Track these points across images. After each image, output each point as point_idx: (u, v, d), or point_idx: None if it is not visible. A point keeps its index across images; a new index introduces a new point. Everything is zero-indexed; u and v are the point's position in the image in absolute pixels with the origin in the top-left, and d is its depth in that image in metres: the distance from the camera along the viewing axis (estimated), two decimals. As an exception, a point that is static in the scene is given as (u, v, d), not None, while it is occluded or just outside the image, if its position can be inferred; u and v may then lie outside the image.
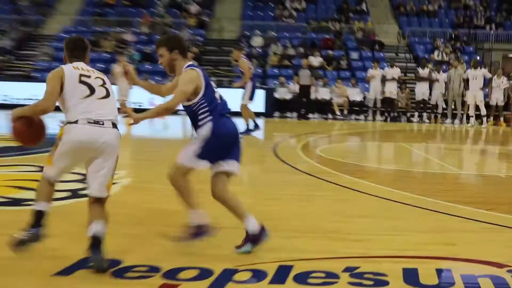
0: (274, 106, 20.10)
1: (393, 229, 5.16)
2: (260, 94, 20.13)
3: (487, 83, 19.53)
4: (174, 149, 5.33)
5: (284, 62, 22.77)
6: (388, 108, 20.24)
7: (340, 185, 7.15)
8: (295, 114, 19.89)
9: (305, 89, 19.56)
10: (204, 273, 3.74)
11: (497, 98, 19.61)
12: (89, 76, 4.18)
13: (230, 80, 21.91)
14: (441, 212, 5.87)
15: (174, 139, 13.91)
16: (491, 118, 19.73)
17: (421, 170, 9.68)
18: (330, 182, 7.36)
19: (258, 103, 19.94)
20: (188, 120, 4.65)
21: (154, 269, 3.79)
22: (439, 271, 3.96)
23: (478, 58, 22.88)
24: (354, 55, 23.82)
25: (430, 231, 5.17)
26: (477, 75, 19.25)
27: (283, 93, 20.26)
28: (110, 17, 25.94)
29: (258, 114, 19.47)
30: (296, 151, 10.80)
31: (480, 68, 19.86)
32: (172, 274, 3.72)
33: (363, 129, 17.36)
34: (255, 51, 23.27)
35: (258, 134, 15.57)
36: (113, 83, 12.87)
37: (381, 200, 6.43)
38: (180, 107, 4.50)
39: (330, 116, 19.87)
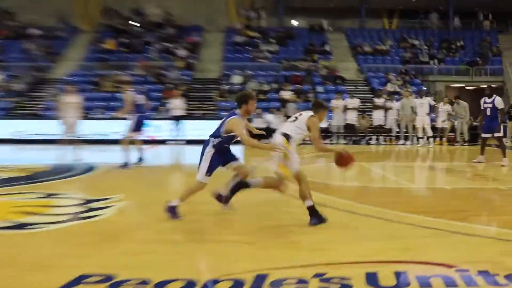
0: (250, 136, 19.93)
1: (355, 238, 5.09)
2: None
3: (432, 109, 19.89)
4: (166, 175, 5.24)
5: (260, 96, 22.79)
6: (350, 132, 20.36)
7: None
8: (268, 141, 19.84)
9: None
10: (189, 285, 3.61)
11: (442, 121, 19.94)
12: None
13: (213, 113, 21.89)
14: (397, 221, 5.82)
15: (164, 166, 13.75)
16: (437, 138, 19.95)
17: (379, 185, 9.65)
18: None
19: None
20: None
21: (145, 282, 3.65)
22: (396, 274, 3.89)
23: (424, 88, 23.18)
24: (320, 88, 23.94)
25: (388, 238, 5.11)
26: (423, 103, 19.54)
27: (259, 123, 20.19)
28: (110, 62, 25.84)
29: (237, 142, 19.45)
30: (272, 172, 10.68)
31: (426, 97, 20.17)
32: (161, 285, 3.58)
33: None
34: (234, 87, 23.31)
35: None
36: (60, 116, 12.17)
37: (345, 213, 6.37)
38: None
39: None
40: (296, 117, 6.01)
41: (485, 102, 12.43)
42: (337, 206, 6.72)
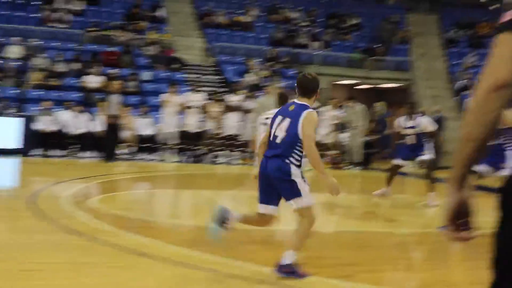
0: (34, 141, 19.43)
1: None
2: (13, 124, 19.33)
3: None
4: None
5: (51, 82, 22.26)
6: (189, 145, 20.40)
7: (120, 248, 7.01)
8: (61, 152, 19.38)
9: (115, 121, 18.94)
10: None
11: (326, 134, 20.83)
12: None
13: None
14: (260, 279, 5.93)
15: None
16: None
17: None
18: (108, 244, 7.19)
19: (12, 137, 19.14)
20: None
21: None
22: None
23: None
24: (146, 75, 23.91)
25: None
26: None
27: (47, 123, 19.64)
28: None
29: (12, 152, 18.79)
30: (63, 202, 10.48)
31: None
32: None
33: (156, 173, 17.38)
34: (9, 65, 22.53)
35: (8, 180, 14.95)
36: None
37: (177, 268, 6.38)
38: None
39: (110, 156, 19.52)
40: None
41: (402, 126, 12.45)
42: (166, 256, 6.76)
